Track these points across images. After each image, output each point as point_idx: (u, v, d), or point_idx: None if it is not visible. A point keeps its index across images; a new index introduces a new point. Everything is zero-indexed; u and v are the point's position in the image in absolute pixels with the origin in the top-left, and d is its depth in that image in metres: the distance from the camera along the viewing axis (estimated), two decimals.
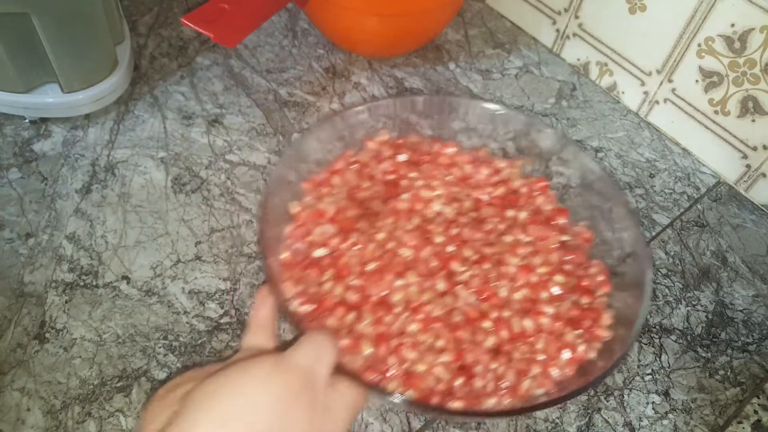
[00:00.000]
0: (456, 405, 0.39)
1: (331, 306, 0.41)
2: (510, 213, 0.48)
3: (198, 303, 0.48)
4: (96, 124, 0.59)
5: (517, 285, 0.43)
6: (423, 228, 0.46)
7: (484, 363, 0.40)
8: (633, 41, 0.63)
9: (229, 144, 0.59)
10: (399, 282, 0.42)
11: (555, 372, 0.41)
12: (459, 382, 0.40)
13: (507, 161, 0.51)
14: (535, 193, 0.50)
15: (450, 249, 0.45)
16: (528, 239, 0.46)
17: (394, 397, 0.37)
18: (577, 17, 0.67)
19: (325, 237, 0.44)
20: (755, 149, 0.58)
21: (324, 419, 0.31)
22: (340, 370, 0.35)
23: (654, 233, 0.57)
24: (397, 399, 0.37)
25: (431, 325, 0.41)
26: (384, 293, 0.42)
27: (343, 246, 0.44)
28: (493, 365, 0.40)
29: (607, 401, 0.46)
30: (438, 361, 0.40)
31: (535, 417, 0.45)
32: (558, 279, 0.44)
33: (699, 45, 0.58)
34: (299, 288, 0.42)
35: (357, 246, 0.44)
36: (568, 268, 0.45)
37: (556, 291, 0.44)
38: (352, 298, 0.42)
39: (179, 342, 0.46)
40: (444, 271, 0.43)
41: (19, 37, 0.50)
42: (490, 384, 0.40)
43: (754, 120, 0.57)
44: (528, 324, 0.42)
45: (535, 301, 0.43)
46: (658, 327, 0.51)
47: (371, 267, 0.43)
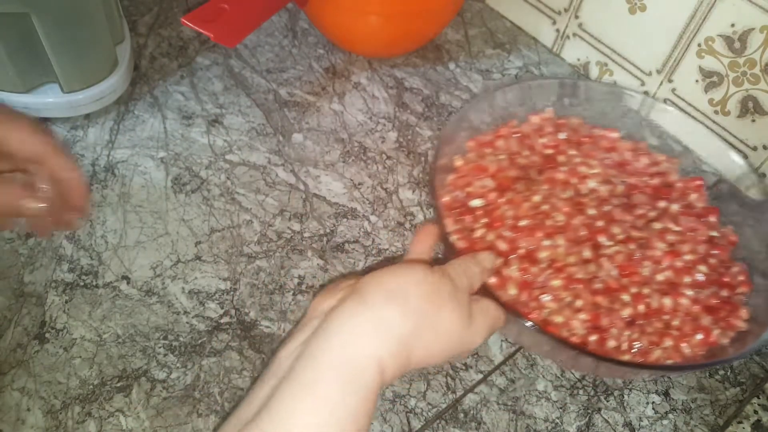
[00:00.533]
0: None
1: (482, 249, 0.45)
2: (662, 204, 0.49)
3: (198, 303, 0.48)
4: (96, 124, 0.59)
5: (662, 267, 0.45)
6: (576, 200, 0.48)
7: (618, 328, 0.42)
8: (633, 41, 0.63)
9: (229, 144, 0.59)
10: (547, 242, 0.45)
11: (686, 349, 0.42)
12: (594, 338, 0.42)
13: (666, 156, 0.53)
14: (689, 191, 0.51)
15: (599, 224, 0.46)
16: (677, 229, 0.47)
17: (528, 323, 0.39)
18: (577, 17, 0.67)
19: (484, 190, 0.48)
20: (755, 149, 0.58)
21: (467, 324, 0.36)
22: (485, 293, 0.39)
23: None
24: (530, 324, 0.39)
25: (573, 285, 0.43)
26: (532, 248, 0.45)
27: (501, 200, 0.47)
28: (627, 333, 0.42)
29: (607, 401, 0.46)
30: (576, 317, 0.42)
31: (535, 417, 0.45)
32: (702, 269, 0.46)
33: (699, 45, 0.58)
34: (456, 227, 0.47)
35: (512, 203, 0.47)
36: (712, 261, 0.47)
37: (700, 277, 0.45)
38: (501, 246, 0.45)
39: (179, 342, 0.46)
40: (591, 242, 0.46)
41: (19, 37, 0.50)
42: (624, 345, 0.42)
43: (754, 120, 0.57)
44: (667, 302, 0.43)
45: (677, 285, 0.45)
46: None
47: (524, 223, 0.46)
